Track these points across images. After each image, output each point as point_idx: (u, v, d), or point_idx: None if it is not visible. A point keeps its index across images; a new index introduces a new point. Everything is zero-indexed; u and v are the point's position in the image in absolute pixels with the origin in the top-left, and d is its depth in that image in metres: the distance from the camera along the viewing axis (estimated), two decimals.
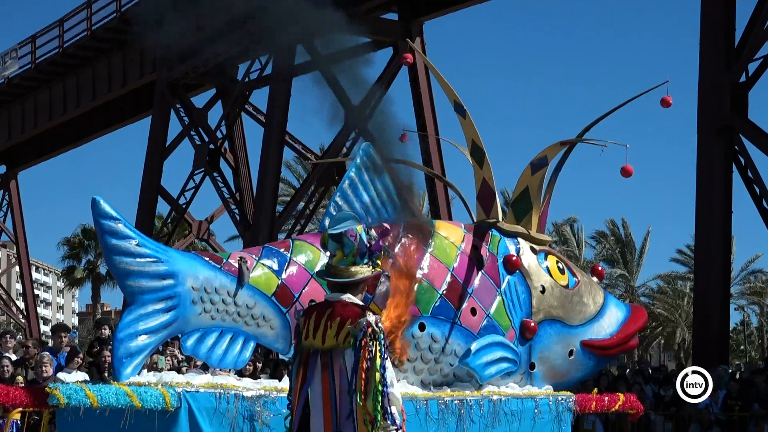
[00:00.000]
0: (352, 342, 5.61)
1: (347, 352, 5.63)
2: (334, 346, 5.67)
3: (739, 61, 25.52)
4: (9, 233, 48.04)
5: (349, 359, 5.62)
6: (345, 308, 5.72)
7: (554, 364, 8.53)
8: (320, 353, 5.70)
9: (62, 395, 6.29)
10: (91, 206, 6.67)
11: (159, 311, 6.78)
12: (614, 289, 54.97)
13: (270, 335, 7.27)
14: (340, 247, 5.82)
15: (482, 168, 8.46)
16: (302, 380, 5.74)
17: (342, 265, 5.82)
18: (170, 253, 6.96)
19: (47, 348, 16.55)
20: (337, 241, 5.83)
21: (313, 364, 5.72)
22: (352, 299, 5.79)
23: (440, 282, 7.74)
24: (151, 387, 6.53)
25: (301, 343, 5.82)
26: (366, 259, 5.83)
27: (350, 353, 5.62)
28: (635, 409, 9.40)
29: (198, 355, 6.94)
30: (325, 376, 5.68)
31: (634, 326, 9.00)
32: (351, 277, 5.79)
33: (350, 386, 5.59)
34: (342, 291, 5.81)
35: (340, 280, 5.79)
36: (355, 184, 7.73)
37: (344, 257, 5.82)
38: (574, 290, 8.63)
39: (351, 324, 5.63)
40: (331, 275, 5.84)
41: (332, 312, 5.71)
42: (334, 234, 5.82)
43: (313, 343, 5.72)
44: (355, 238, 5.77)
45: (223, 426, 6.68)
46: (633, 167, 8.23)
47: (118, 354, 6.61)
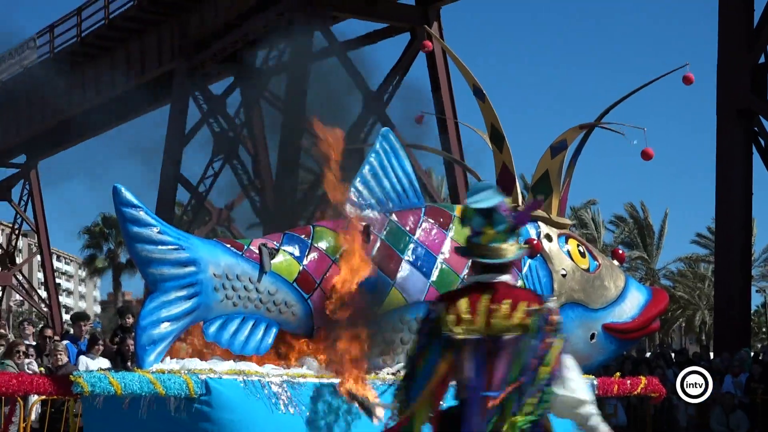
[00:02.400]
0: (533, 327, 4.99)
1: (523, 338, 5.00)
2: (505, 330, 5.01)
3: (758, 43, 25.40)
4: (30, 222, 48.20)
5: (525, 346, 4.99)
6: (512, 290, 5.11)
7: (576, 348, 8.50)
8: (480, 340, 5.01)
9: (86, 383, 6.32)
10: (112, 194, 6.69)
11: (181, 298, 6.79)
12: (635, 272, 54.90)
13: (292, 321, 7.28)
14: (490, 223, 5.10)
15: (501, 152, 8.44)
16: (451, 369, 5.04)
17: (495, 244, 5.08)
18: (192, 240, 6.97)
19: (68, 336, 16.66)
20: (485, 217, 5.11)
21: (470, 351, 5.02)
22: (511, 281, 5.19)
23: (461, 266, 7.73)
24: (175, 374, 6.54)
25: (443, 331, 5.04)
26: (514, 236, 5.12)
27: (527, 339, 5.00)
28: (657, 393, 9.38)
29: (220, 341, 6.95)
30: (488, 362, 5.01)
31: (656, 309, 8.97)
32: (504, 258, 5.08)
33: (516, 377, 4.96)
34: (499, 272, 5.11)
35: (496, 261, 5.07)
36: (375, 170, 7.72)
37: (496, 235, 5.09)
38: (595, 274, 8.61)
39: (529, 306, 5.00)
40: (483, 256, 5.11)
41: (496, 294, 5.03)
42: (480, 209, 5.09)
43: (471, 328, 5.00)
44: (508, 213, 5.08)
45: (247, 412, 6.69)
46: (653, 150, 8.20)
47: (142, 341, 6.62)
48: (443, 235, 7.75)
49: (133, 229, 6.71)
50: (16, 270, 50.93)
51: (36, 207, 47.10)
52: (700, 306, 59.30)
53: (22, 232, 52.63)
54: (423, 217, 7.75)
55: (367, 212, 7.60)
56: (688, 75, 8.39)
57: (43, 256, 49.19)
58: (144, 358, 6.60)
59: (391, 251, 7.52)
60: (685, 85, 8.40)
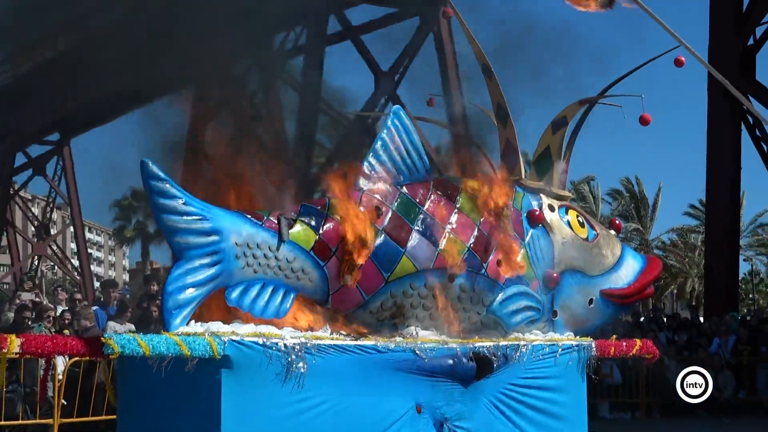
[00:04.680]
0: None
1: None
2: None
3: (747, 26, 25.37)
4: (63, 196, 48.32)
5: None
6: None
7: (575, 312, 8.51)
8: None
9: (116, 345, 6.32)
10: (140, 168, 6.68)
11: (205, 266, 6.78)
12: (630, 242, 54.87)
13: (309, 287, 7.27)
14: None
15: (506, 128, 8.40)
16: None
17: None
18: (214, 211, 6.96)
19: (99, 302, 16.75)
20: None
21: None
22: None
23: (468, 236, 7.72)
24: (199, 336, 6.54)
25: None
26: None
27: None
28: (651, 354, 9.37)
29: (242, 305, 6.94)
30: None
31: (650, 276, 8.97)
32: None
33: None
34: None
35: None
36: (387, 145, 7.69)
37: None
38: (593, 242, 8.59)
39: None
40: None
41: None
42: None
43: None
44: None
45: (268, 372, 6.70)
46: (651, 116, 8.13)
47: (168, 306, 6.62)
48: (451, 206, 7.74)
49: (160, 201, 6.70)
50: (50, 241, 51.12)
51: (69, 181, 47.20)
52: (690, 274, 59.32)
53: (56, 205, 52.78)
54: (432, 190, 7.73)
55: (378, 185, 7.58)
56: (680, 58, 8.31)
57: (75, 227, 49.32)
58: (170, 322, 6.59)
59: (402, 221, 7.51)
60: (677, 67, 8.32)
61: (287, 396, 6.77)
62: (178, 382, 6.59)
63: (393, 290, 7.44)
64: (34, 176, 49.49)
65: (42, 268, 49.88)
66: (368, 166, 7.61)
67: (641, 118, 8.18)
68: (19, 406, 14.15)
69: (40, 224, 51.01)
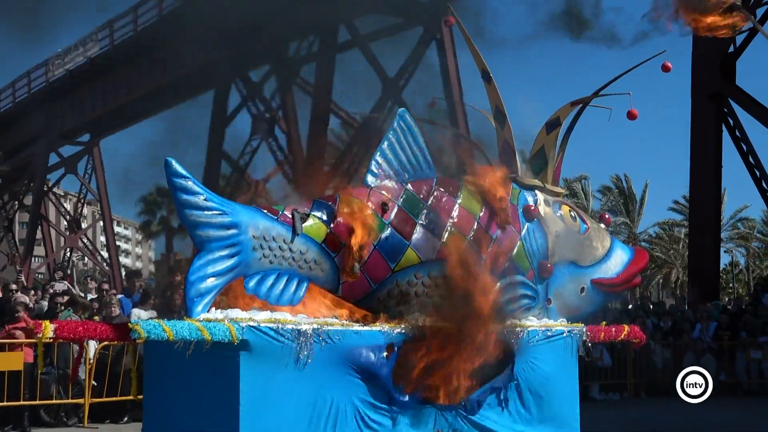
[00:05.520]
0: None
1: None
2: None
3: None
4: (93, 192, 48.47)
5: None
6: None
7: (568, 300, 8.50)
8: None
9: (143, 330, 6.34)
10: (164, 167, 6.68)
11: (224, 257, 6.78)
12: (618, 235, 54.82)
13: (320, 277, 7.27)
14: None
15: (504, 130, 8.39)
16: None
17: None
18: (233, 206, 6.96)
19: (124, 290, 16.85)
20: None
21: None
22: None
23: (468, 229, 7.71)
24: (219, 322, 6.55)
25: None
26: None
27: None
28: (638, 338, 9.36)
29: (258, 294, 6.95)
30: None
31: (637, 266, 8.95)
32: None
33: None
34: None
35: None
36: (393, 145, 7.68)
37: None
38: (584, 235, 8.58)
39: None
40: None
41: None
42: None
43: None
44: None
45: (282, 354, 6.71)
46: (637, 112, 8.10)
47: (190, 294, 6.62)
48: (453, 201, 7.73)
49: (183, 197, 6.70)
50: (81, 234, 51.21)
51: (98, 179, 47.31)
52: (675, 265, 59.29)
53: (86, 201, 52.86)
54: (435, 186, 7.72)
55: (385, 182, 7.58)
56: (666, 63, 8.27)
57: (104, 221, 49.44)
58: (192, 309, 6.60)
59: (407, 216, 7.50)
60: (663, 72, 8.29)
61: (299, 375, 6.78)
62: (199, 364, 6.60)
63: (399, 279, 7.44)
64: (66, 174, 49.66)
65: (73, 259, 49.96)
66: (375, 165, 7.61)
67: (629, 113, 8.16)
68: (53, 387, 14.20)
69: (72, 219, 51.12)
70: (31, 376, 13.83)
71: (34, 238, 49.45)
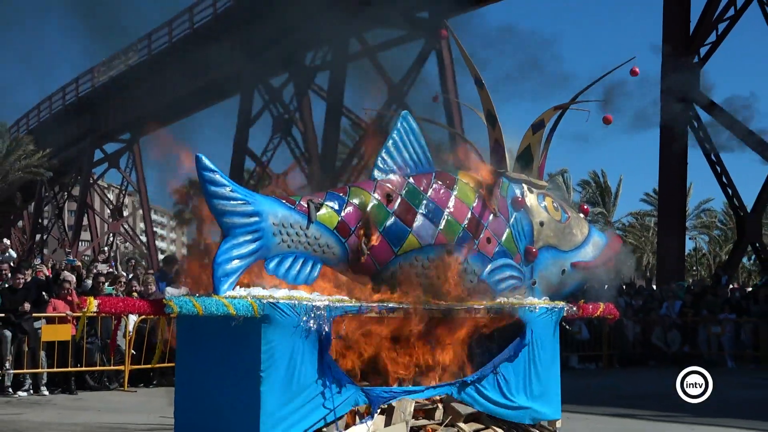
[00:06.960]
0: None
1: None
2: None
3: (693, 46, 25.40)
4: (134, 185, 48.62)
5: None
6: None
7: (550, 281, 8.48)
8: None
9: (175, 305, 6.34)
10: (195, 162, 6.69)
11: (248, 241, 6.77)
12: (595, 223, 54.73)
13: (332, 259, 7.27)
14: None
15: (494, 130, 8.36)
16: None
17: None
18: (255, 196, 6.95)
19: (161, 271, 16.92)
20: None
21: None
22: None
23: (463, 217, 7.70)
24: (243, 299, 6.55)
25: None
26: None
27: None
28: (612, 315, 9.34)
29: (277, 274, 6.95)
30: None
31: (612, 250, 8.94)
32: None
33: None
34: None
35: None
36: (397, 144, 7.67)
37: None
38: (566, 224, 8.56)
39: None
40: None
41: None
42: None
43: None
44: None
45: (298, 330, 6.71)
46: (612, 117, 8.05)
47: (217, 274, 6.62)
48: (449, 193, 7.71)
49: (211, 188, 6.71)
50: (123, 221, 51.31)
51: (138, 173, 47.40)
52: (645, 250, 59.28)
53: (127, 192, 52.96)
54: (433, 180, 7.71)
55: (390, 176, 7.57)
56: (635, 69, 8.16)
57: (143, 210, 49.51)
58: (219, 287, 6.60)
59: (409, 206, 7.49)
60: (632, 77, 8.20)
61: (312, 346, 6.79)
62: (225, 336, 6.61)
63: (401, 262, 7.44)
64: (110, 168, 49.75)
65: (117, 243, 50.07)
66: (381, 161, 7.60)
67: (604, 118, 8.12)
68: (96, 355, 14.26)
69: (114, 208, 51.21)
70: (77, 345, 13.88)
71: (81, 224, 49.60)
